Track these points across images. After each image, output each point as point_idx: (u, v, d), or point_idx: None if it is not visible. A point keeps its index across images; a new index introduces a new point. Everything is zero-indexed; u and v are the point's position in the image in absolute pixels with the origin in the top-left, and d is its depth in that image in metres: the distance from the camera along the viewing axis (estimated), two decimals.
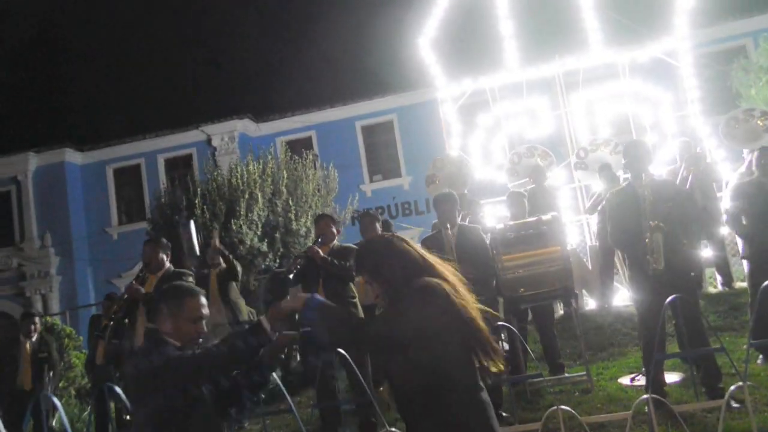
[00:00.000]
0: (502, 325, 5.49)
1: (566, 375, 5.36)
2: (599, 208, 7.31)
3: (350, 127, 17.67)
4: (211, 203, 9.68)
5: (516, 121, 10.01)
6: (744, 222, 5.27)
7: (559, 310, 7.26)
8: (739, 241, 5.71)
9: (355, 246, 5.35)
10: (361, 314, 5.10)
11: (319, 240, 5.17)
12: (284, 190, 10.37)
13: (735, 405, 3.64)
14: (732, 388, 3.33)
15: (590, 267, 7.61)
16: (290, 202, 10.21)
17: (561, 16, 10.09)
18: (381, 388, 5.41)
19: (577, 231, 9.18)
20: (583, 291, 7.67)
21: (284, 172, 10.58)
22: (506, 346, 5.54)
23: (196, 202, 9.54)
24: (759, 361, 4.95)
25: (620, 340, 6.40)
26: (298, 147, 13.56)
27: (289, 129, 17.59)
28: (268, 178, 10.44)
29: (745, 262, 5.85)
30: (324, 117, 17.55)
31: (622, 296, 7.35)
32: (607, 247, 6.95)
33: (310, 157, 11.64)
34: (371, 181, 17.55)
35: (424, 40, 10.16)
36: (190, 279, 5.38)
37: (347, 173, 15.84)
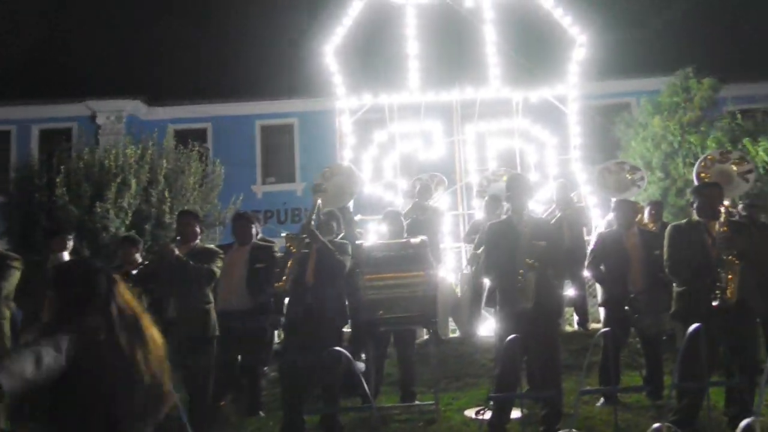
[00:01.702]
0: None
1: (416, 403, 5.28)
2: (476, 237, 7.41)
3: (249, 124, 17.10)
4: (75, 184, 8.89)
5: (410, 142, 10.06)
6: (602, 269, 5.46)
7: (424, 335, 7.23)
8: (599, 288, 5.92)
9: (217, 249, 5.04)
10: (214, 320, 4.76)
11: (178, 238, 4.74)
12: (162, 179, 9.74)
13: None
14: None
15: (460, 294, 7.66)
16: (167, 194, 9.61)
17: (465, 46, 10.27)
18: (222, 403, 5.08)
19: (455, 257, 9.31)
20: (450, 318, 7.71)
21: (165, 160, 9.95)
22: (362, 367, 5.41)
23: (57, 180, 8.73)
24: (599, 403, 5.10)
25: (477, 371, 6.44)
26: (191, 137, 12.89)
27: (183, 117, 16.71)
28: (146, 164, 9.78)
29: (601, 309, 6.08)
30: (222, 110, 16.86)
31: (488, 327, 7.45)
32: (479, 277, 7.02)
33: (197, 148, 11.06)
34: (264, 183, 17.05)
35: (330, 48, 10.00)
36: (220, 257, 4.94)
37: (240, 172, 15.27)
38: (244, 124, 16.96)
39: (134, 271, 4.65)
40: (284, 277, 4.48)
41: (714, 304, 4.01)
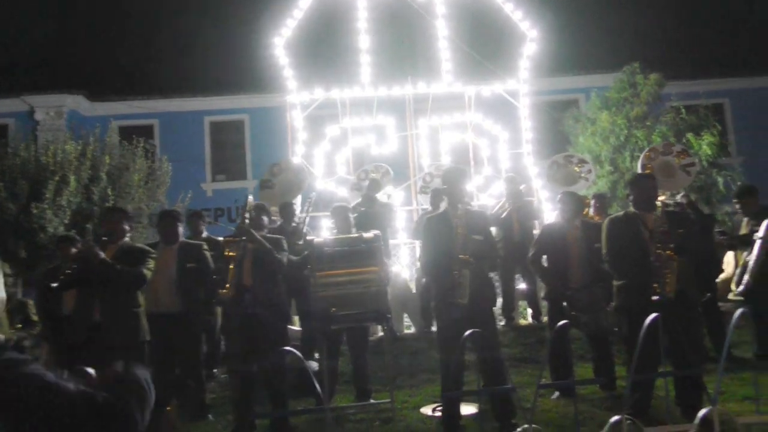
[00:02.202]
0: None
1: (371, 402, 5.16)
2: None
3: (198, 121, 16.69)
4: (11, 181, 8.42)
5: (363, 137, 9.95)
6: (544, 263, 5.43)
7: (380, 332, 7.13)
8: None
9: (147, 248, 4.79)
10: (145, 324, 4.53)
11: (104, 238, 4.44)
12: (104, 176, 9.34)
13: None
14: (519, 430, 3.26)
15: (413, 290, 7.59)
16: (110, 191, 9.22)
17: (417, 40, 10.23)
18: (168, 408, 4.84)
19: (409, 253, 9.25)
20: (404, 314, 7.63)
21: (107, 157, 9.54)
22: (315, 366, 5.26)
23: None
24: (554, 396, 5.09)
25: (432, 367, 6.34)
26: (136, 134, 12.45)
27: (128, 113, 16.15)
28: (87, 161, 9.36)
29: (546, 303, 6.08)
30: (170, 106, 16.41)
31: None
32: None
33: (141, 144, 10.66)
34: (214, 180, 16.68)
35: (280, 41, 9.79)
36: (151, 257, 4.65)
37: (189, 169, 14.88)
38: (193, 121, 16.56)
39: (54, 285, 4.32)
40: (227, 284, 4.25)
41: (654, 298, 4.02)
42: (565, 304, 5.03)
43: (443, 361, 4.08)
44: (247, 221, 4.45)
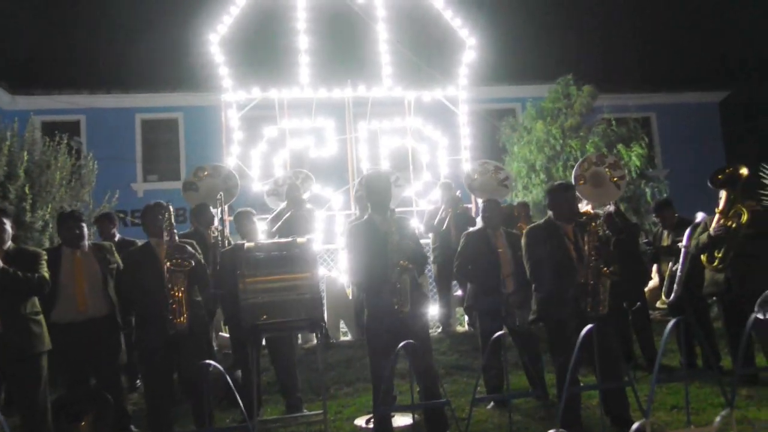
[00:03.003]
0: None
1: (303, 413, 4.98)
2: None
3: (129, 118, 15.98)
4: None
5: (302, 139, 9.75)
6: (470, 269, 5.40)
7: (313, 340, 6.95)
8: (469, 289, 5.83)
9: (38, 250, 4.48)
10: (44, 332, 4.20)
11: None
12: (22, 174, 8.73)
13: None
14: None
15: (350, 296, 7.45)
16: (27, 190, 8.62)
17: (358, 43, 10.09)
18: (82, 423, 4.51)
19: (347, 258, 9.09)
20: (341, 321, 7.48)
21: (25, 154, 8.93)
22: (239, 376, 5.03)
23: None
24: (489, 406, 5.04)
25: (368, 376, 6.20)
26: (61, 130, 11.77)
27: (53, 108, 15.28)
28: (2, 157, 8.72)
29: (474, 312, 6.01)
30: (98, 102, 15.64)
31: None
32: None
33: (65, 141, 10.05)
34: (145, 180, 16.02)
35: (216, 38, 9.49)
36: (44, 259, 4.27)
37: (118, 168, 14.23)
38: (123, 118, 15.85)
39: None
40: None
41: (587, 312, 4.02)
42: (501, 307, 5.02)
43: (374, 372, 3.95)
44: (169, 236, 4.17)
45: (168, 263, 4.15)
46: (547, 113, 12.67)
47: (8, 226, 4.18)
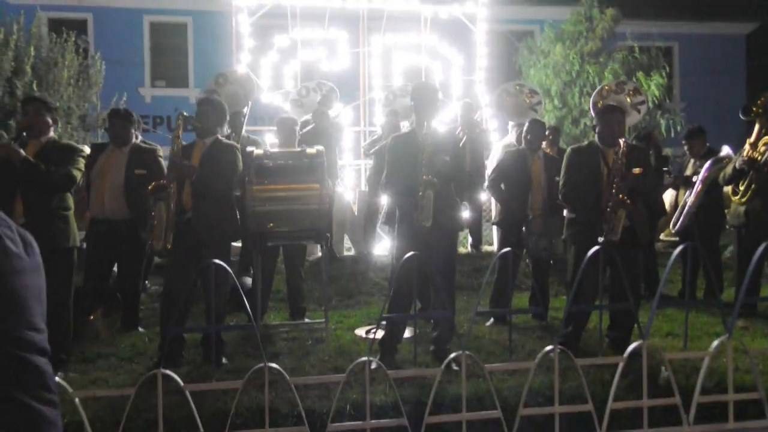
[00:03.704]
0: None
1: (305, 321, 5.11)
2: (372, 151, 7.18)
3: (137, 20, 15.53)
4: None
5: (313, 50, 9.50)
6: (503, 188, 5.41)
7: (318, 252, 7.03)
8: (494, 207, 5.88)
9: (77, 145, 4.43)
10: (74, 229, 4.19)
11: (24, 134, 3.99)
12: (29, 70, 8.60)
13: (455, 368, 3.61)
14: (452, 355, 3.26)
15: (356, 212, 7.47)
16: (35, 86, 8.51)
17: None
18: (92, 317, 4.65)
19: (354, 175, 9.08)
20: (345, 236, 7.54)
21: (32, 49, 8.75)
22: (248, 283, 5.13)
23: None
24: (488, 323, 5.16)
25: (369, 289, 6.37)
26: (67, 28, 11.47)
27: (59, 4, 14.84)
28: (10, 51, 8.56)
29: (495, 228, 6.07)
30: (106, 1, 15.19)
31: (384, 245, 7.36)
32: (375, 195, 6.84)
33: (72, 39, 9.82)
34: (153, 85, 15.76)
35: None
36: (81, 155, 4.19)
37: (125, 71, 13.96)
38: (131, 19, 15.40)
39: None
40: (160, 241, 3.90)
41: (600, 239, 4.02)
42: (523, 229, 5.05)
43: (396, 283, 3.98)
44: (177, 148, 4.03)
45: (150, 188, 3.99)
46: (566, 36, 12.26)
47: (48, 117, 4.12)
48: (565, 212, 4.71)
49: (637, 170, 4.01)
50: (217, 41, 14.16)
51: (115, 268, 5.08)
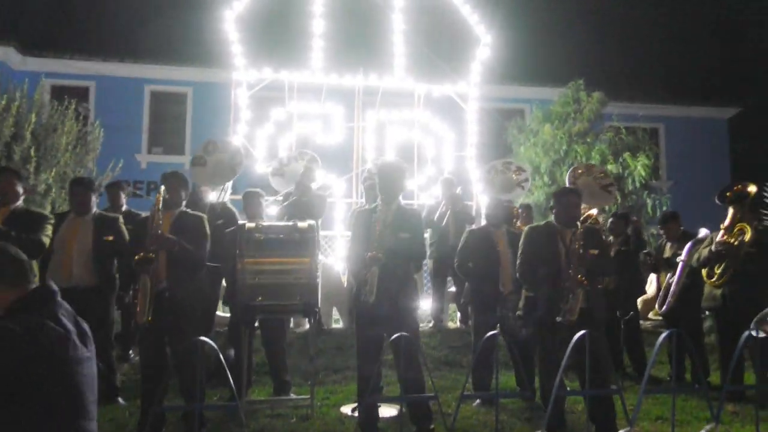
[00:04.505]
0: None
1: (290, 397, 5.02)
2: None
3: (138, 88, 15.98)
4: None
5: (309, 124, 9.74)
6: (471, 266, 5.42)
7: (306, 324, 6.98)
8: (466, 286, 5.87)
9: (45, 213, 4.51)
10: None
11: None
12: (28, 135, 8.74)
13: None
14: None
15: (345, 283, 7.47)
16: (33, 152, 8.63)
17: (373, 31, 10.06)
18: None
19: (345, 246, 9.11)
20: (334, 307, 7.51)
21: (33, 115, 8.93)
22: (231, 355, 5.06)
23: None
24: (475, 403, 5.08)
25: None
26: (70, 95, 11.77)
27: (63, 72, 15.28)
28: (10, 117, 8.73)
29: (469, 307, 6.05)
30: (110, 70, 15.62)
31: None
32: None
33: (73, 106, 10.05)
34: (150, 152, 16.02)
35: (231, 15, 9.44)
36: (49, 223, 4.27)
37: (124, 138, 14.21)
38: (133, 88, 15.84)
39: None
40: (144, 315, 3.93)
41: (558, 319, 4.04)
42: (498, 308, 5.05)
43: (359, 361, 3.97)
44: (160, 221, 4.10)
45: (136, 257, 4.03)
46: (554, 117, 12.65)
47: (19, 187, 4.21)
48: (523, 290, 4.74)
49: (593, 251, 4.08)
50: (216, 111, 14.52)
51: None
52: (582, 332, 2.66)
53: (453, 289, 7.80)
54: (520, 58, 15.37)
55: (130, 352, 6.05)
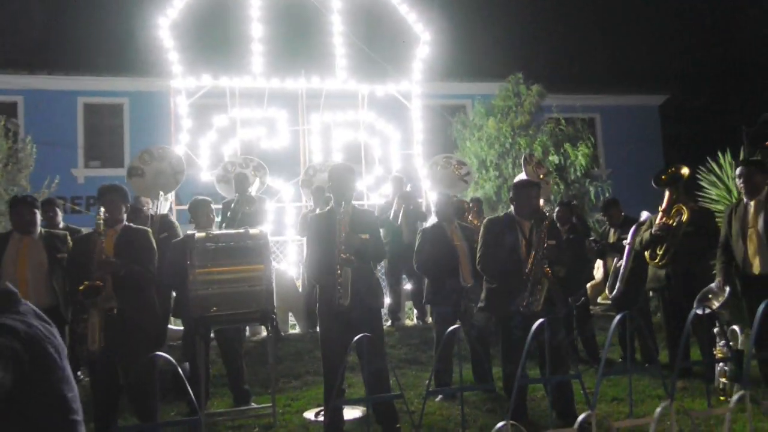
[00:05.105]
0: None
1: (251, 406, 4.93)
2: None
3: (71, 101, 15.38)
4: None
5: (253, 129, 9.60)
6: (431, 264, 5.43)
7: (263, 332, 6.88)
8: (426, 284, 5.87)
9: None
10: None
11: None
12: None
13: None
14: None
15: (300, 288, 7.40)
16: None
17: (312, 34, 10.02)
18: None
19: (297, 251, 9.03)
20: (290, 313, 7.43)
21: None
22: (187, 368, 4.94)
23: None
24: (438, 398, 5.11)
25: (317, 369, 6.19)
26: None
27: None
28: None
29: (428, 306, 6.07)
30: (38, 83, 15.00)
31: None
32: None
33: (2, 122, 9.61)
34: (87, 166, 15.46)
35: (165, 22, 9.21)
36: None
37: (58, 153, 13.69)
38: (65, 101, 15.24)
39: None
40: (95, 344, 3.82)
41: (521, 309, 4.12)
42: (461, 301, 5.08)
43: (325, 365, 3.94)
44: (103, 245, 3.99)
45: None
46: (497, 111, 12.86)
47: None
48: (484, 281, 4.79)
49: (551, 242, 4.19)
50: (155, 121, 14.16)
51: None
52: (541, 320, 2.69)
53: (408, 286, 7.83)
54: (460, 55, 15.58)
55: (78, 373, 5.82)
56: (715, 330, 4.77)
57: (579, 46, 20.25)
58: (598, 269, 7.58)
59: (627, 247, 5.92)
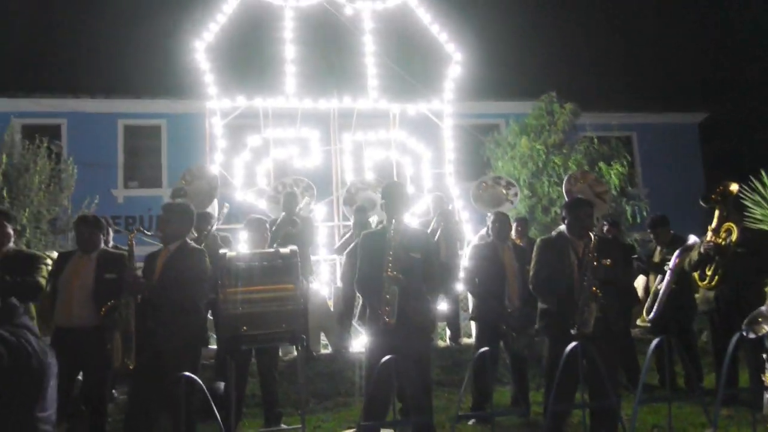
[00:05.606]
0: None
1: (281, 427, 4.90)
2: (348, 249, 7.15)
3: (111, 123, 15.81)
4: None
5: (285, 149, 9.70)
6: (477, 282, 5.40)
7: (294, 352, 6.85)
8: (470, 301, 5.85)
9: (38, 253, 4.37)
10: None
11: None
12: (0, 176, 8.60)
13: None
14: None
15: (332, 308, 7.38)
16: (5, 193, 8.48)
17: (344, 54, 10.09)
18: None
19: (329, 270, 9.03)
20: (321, 333, 7.40)
21: (4, 156, 8.79)
22: (221, 388, 4.94)
23: None
24: (471, 422, 5.00)
25: (348, 389, 6.17)
26: (41, 133, 11.61)
27: (34, 111, 15.08)
28: None
29: (473, 323, 6.01)
30: (80, 106, 15.46)
31: (361, 342, 7.21)
32: (350, 290, 6.77)
33: (45, 144, 9.92)
34: (126, 187, 15.82)
35: (201, 45, 9.42)
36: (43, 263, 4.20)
37: (98, 174, 14.04)
38: (105, 123, 15.67)
39: None
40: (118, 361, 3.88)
41: (572, 332, 4.00)
42: (503, 325, 4.99)
43: (373, 384, 3.85)
44: (134, 264, 4.06)
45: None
46: (530, 129, 12.76)
47: (10, 229, 4.10)
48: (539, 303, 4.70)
49: (607, 262, 4.06)
50: (191, 142, 14.42)
51: (80, 376, 4.87)
52: (574, 344, 2.60)
53: (443, 306, 7.73)
54: (492, 74, 15.59)
55: (113, 391, 5.88)
56: (765, 356, 4.56)
57: (614, 64, 20.04)
58: (638, 289, 7.38)
59: (669, 271, 5.74)
